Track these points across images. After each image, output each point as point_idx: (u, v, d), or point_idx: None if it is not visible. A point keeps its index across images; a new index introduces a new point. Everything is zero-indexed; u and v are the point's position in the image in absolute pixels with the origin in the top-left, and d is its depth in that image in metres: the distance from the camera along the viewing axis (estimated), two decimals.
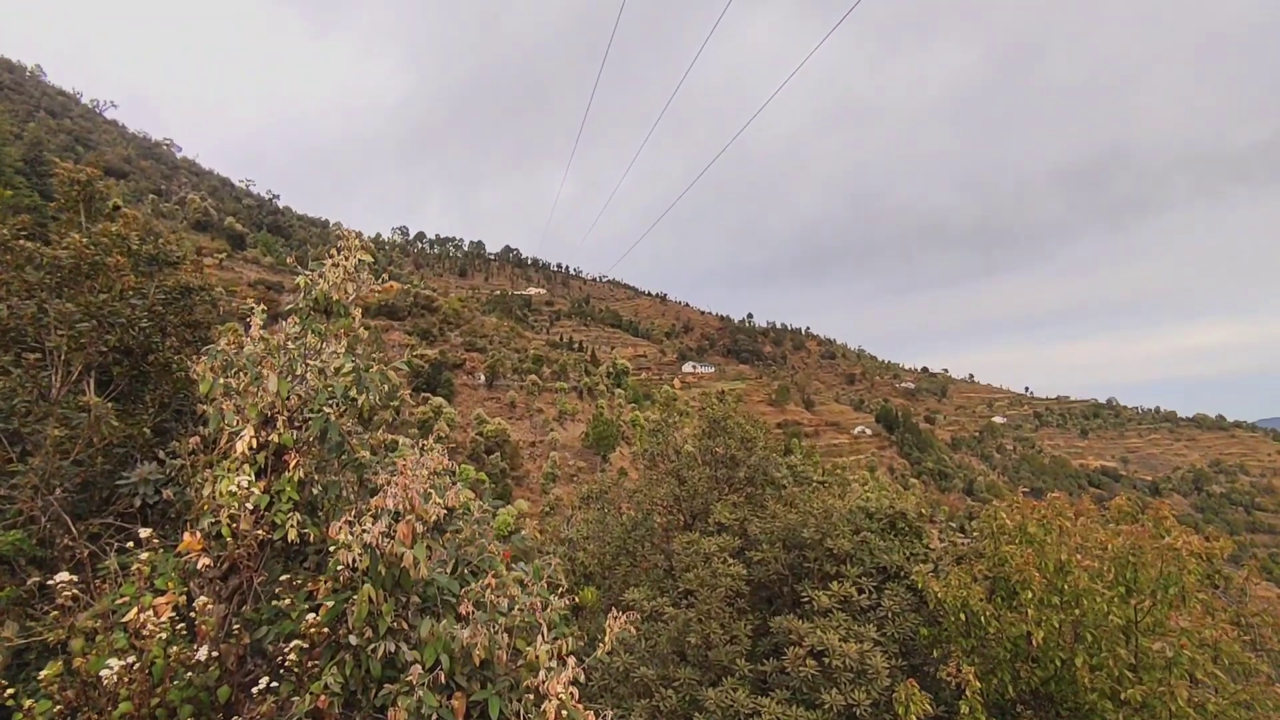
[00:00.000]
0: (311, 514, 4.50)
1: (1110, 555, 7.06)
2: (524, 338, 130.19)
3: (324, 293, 5.01)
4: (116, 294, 6.01)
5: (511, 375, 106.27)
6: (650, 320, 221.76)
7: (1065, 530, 7.52)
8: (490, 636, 3.86)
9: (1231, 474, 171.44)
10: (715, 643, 7.88)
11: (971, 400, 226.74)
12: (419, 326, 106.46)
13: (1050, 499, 8.15)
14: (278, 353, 4.70)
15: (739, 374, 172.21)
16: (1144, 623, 6.87)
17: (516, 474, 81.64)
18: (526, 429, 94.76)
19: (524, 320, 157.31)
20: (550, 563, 4.73)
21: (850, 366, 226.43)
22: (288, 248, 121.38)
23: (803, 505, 9.21)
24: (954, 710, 6.79)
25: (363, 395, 4.68)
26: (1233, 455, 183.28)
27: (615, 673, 8.24)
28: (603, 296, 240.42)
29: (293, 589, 4.03)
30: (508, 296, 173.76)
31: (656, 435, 11.94)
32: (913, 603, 8.08)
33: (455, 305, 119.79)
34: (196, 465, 4.93)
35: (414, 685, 3.43)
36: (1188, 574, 6.77)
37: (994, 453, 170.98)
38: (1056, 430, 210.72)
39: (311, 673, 3.66)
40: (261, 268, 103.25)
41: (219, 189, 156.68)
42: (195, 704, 3.61)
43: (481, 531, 5.31)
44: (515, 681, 3.98)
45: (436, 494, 4.27)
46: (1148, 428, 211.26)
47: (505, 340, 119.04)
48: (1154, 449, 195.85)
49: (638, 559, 10.78)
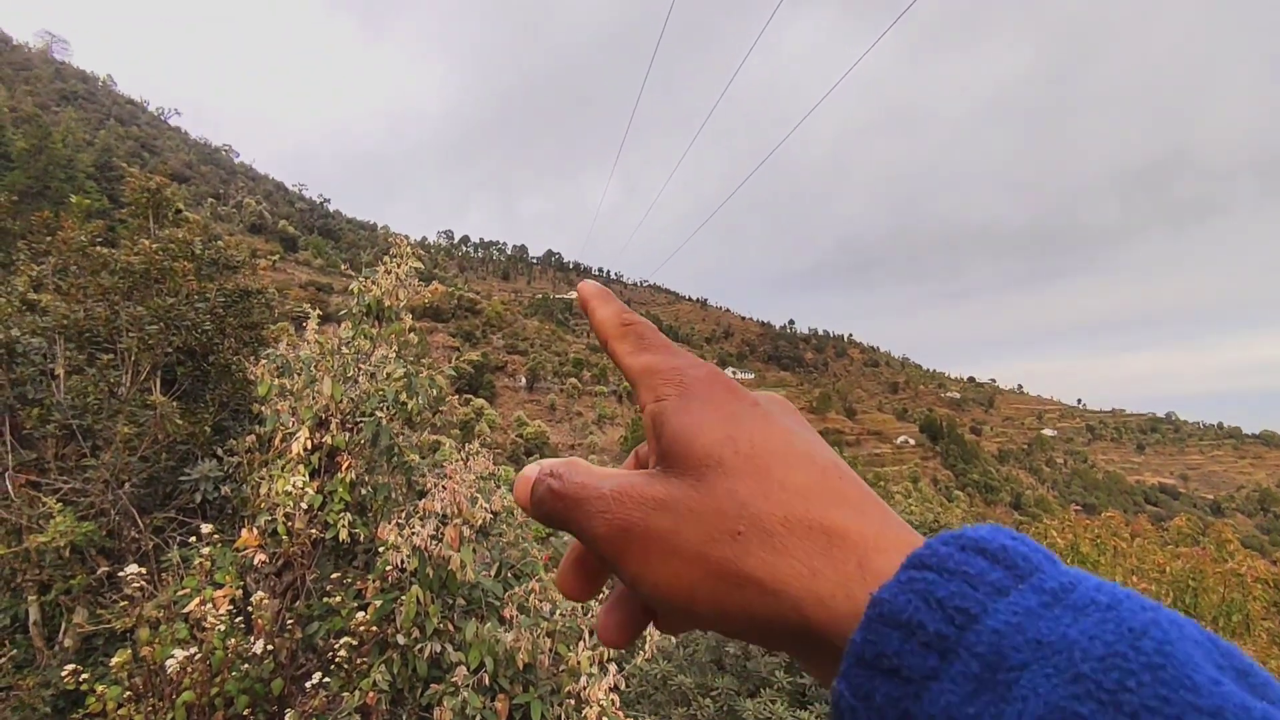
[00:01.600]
0: (361, 514, 4.64)
1: (1169, 578, 6.81)
2: (565, 341, 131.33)
3: (376, 298, 5.16)
4: (183, 298, 6.29)
5: (552, 378, 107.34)
6: (690, 325, 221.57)
7: (1120, 551, 7.28)
8: (533, 640, 3.93)
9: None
10: (754, 653, 7.82)
11: (1020, 411, 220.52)
12: (462, 329, 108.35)
13: (1105, 517, 7.90)
14: (332, 356, 4.86)
15: (779, 381, 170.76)
16: None
17: None
18: (566, 432, 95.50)
19: (565, 324, 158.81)
20: None
21: (894, 375, 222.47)
22: (337, 250, 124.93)
23: None
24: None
25: (412, 399, 4.81)
26: None
27: (653, 680, 8.24)
28: (644, 301, 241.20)
29: (343, 587, 4.15)
30: (549, 300, 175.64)
31: None
32: None
33: (498, 308, 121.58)
34: (253, 464, 5.12)
35: (459, 686, 3.51)
36: (1253, 600, 6.49)
37: (1043, 466, 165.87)
38: (1111, 444, 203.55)
39: (360, 669, 3.77)
40: (312, 269, 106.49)
41: (273, 193, 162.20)
42: (251, 695, 3.75)
43: (523, 535, 5.40)
44: (557, 686, 4.03)
45: (483, 498, 4.36)
46: (1210, 443, 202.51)
47: (546, 343, 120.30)
48: (1216, 466, 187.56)
49: None
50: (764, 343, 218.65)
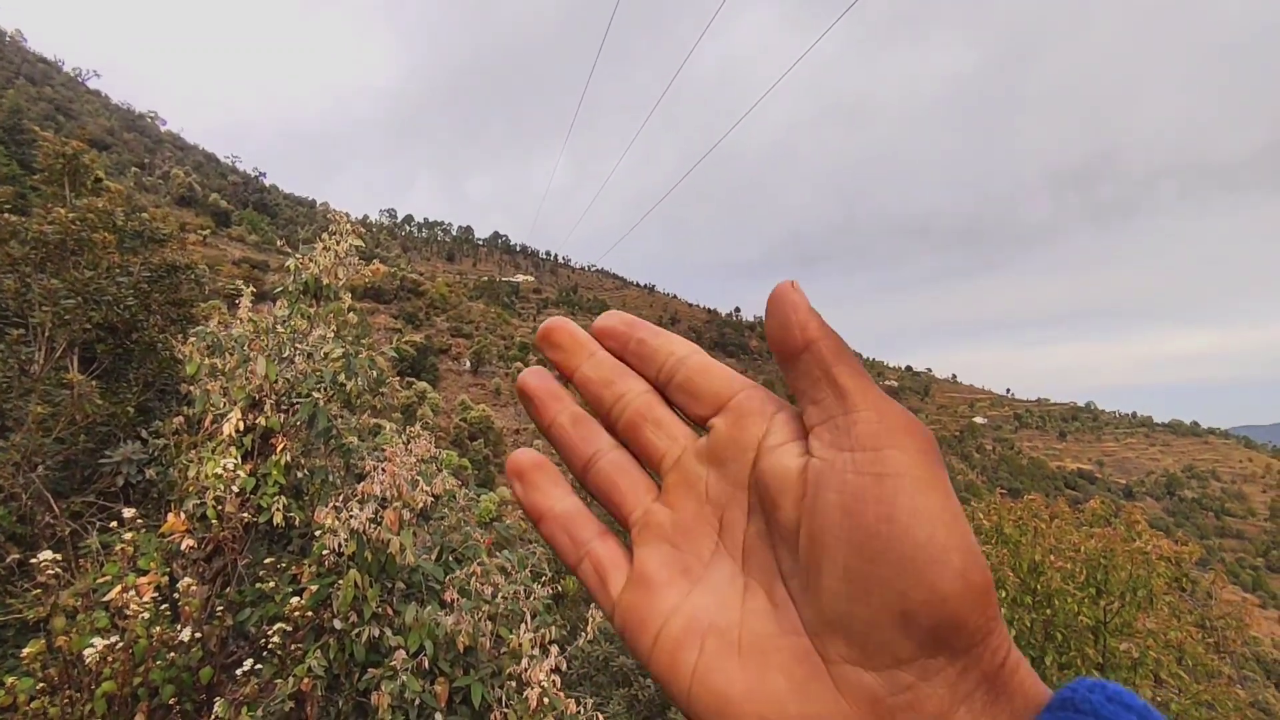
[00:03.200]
0: (297, 498, 4.51)
1: (1083, 557, 7.23)
2: (511, 325, 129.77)
3: (314, 276, 4.99)
4: (103, 271, 5.95)
5: (497, 362, 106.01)
6: (638, 311, 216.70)
7: (1040, 532, 7.68)
8: (474, 624, 3.91)
9: (1203, 480, 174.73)
10: None
11: (954, 400, 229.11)
12: (405, 310, 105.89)
13: (1026, 501, 8.31)
14: (266, 335, 4.69)
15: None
16: (1112, 623, 7.04)
17: (500, 461, 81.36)
18: (511, 416, 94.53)
19: (511, 307, 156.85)
20: (534, 551, 4.78)
21: None
22: (274, 226, 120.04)
23: None
24: None
25: (351, 381, 4.69)
26: (1205, 461, 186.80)
27: (595, 662, 8.32)
28: (591, 286, 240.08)
29: (277, 572, 4.04)
30: (495, 283, 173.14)
31: None
32: None
33: (442, 290, 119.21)
34: (180, 446, 4.92)
35: (398, 670, 3.47)
36: (1156, 577, 6.95)
37: (974, 453, 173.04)
38: (1036, 432, 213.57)
39: (295, 656, 3.68)
40: (246, 246, 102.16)
41: (203, 165, 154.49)
42: (178, 684, 3.62)
43: (465, 519, 5.35)
44: (498, 669, 4.03)
45: (423, 481, 4.29)
46: (1124, 432, 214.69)
47: (492, 326, 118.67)
48: (1129, 453, 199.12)
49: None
50: (710, 330, 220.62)
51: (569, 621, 9.03)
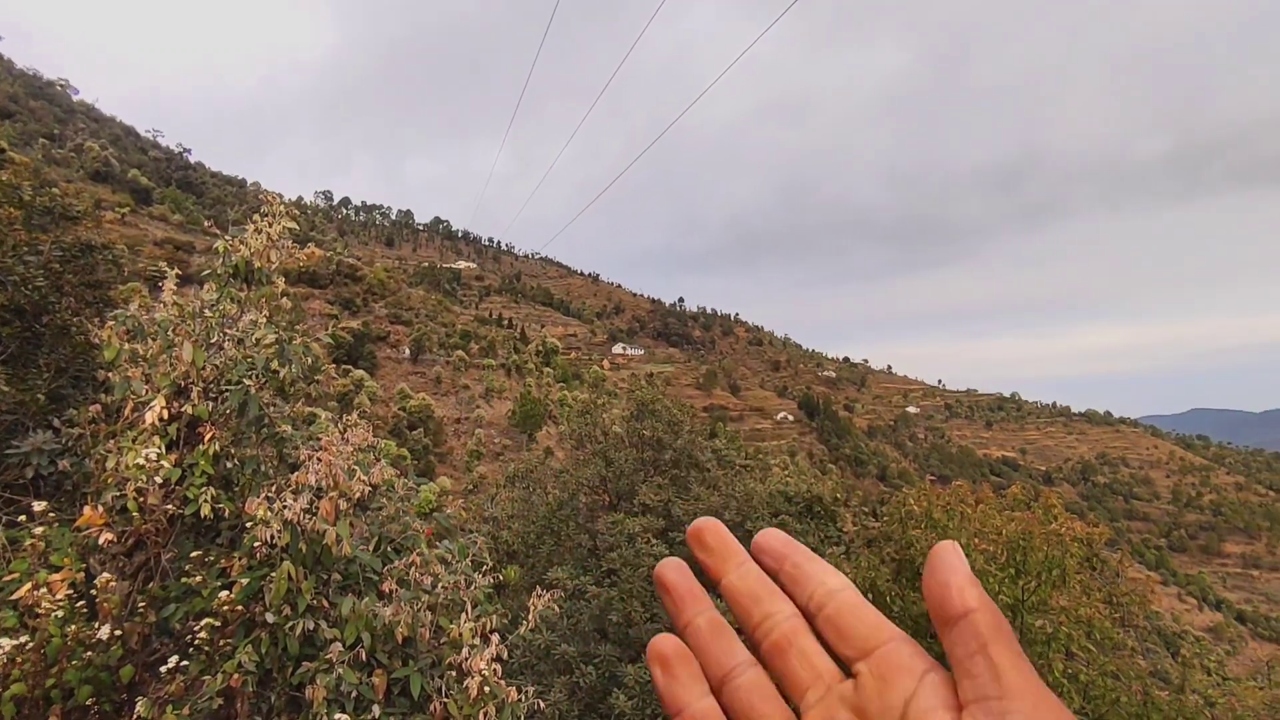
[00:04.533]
0: (227, 489, 4.34)
1: (1004, 540, 7.60)
2: (452, 312, 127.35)
3: (244, 259, 4.79)
4: (8, 249, 5.57)
5: (438, 350, 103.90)
6: (582, 300, 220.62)
7: (966, 516, 8.04)
8: (413, 614, 3.85)
9: (1114, 466, 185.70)
10: (636, 621, 8.05)
11: (889, 390, 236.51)
12: (342, 296, 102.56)
13: (954, 486, 8.68)
14: (193, 320, 4.49)
15: (668, 357, 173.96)
16: (1029, 601, 7.44)
17: (440, 451, 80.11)
18: (451, 405, 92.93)
19: (452, 294, 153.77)
20: (475, 541, 4.74)
21: (776, 354, 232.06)
22: (200, 206, 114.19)
23: (725, 488, 9.48)
24: None
25: (284, 368, 4.53)
26: (1116, 449, 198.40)
27: (537, 650, 8.31)
28: (534, 274, 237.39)
29: (205, 566, 3.89)
30: (436, 269, 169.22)
31: (585, 416, 11.98)
32: None
33: (381, 276, 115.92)
34: (97, 436, 4.66)
35: (333, 662, 3.40)
36: (1069, 557, 7.37)
37: (907, 441, 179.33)
38: (965, 421, 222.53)
39: (224, 651, 3.56)
40: (170, 226, 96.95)
41: (121, 138, 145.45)
42: (95, 684, 3.46)
43: (404, 509, 5.26)
44: (438, 659, 3.99)
45: (360, 470, 4.20)
46: (1045, 421, 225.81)
47: (432, 314, 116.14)
48: (1049, 441, 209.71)
49: (562, 539, 10.84)
50: (654, 319, 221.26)
51: (510, 611, 9.00)
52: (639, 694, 7.19)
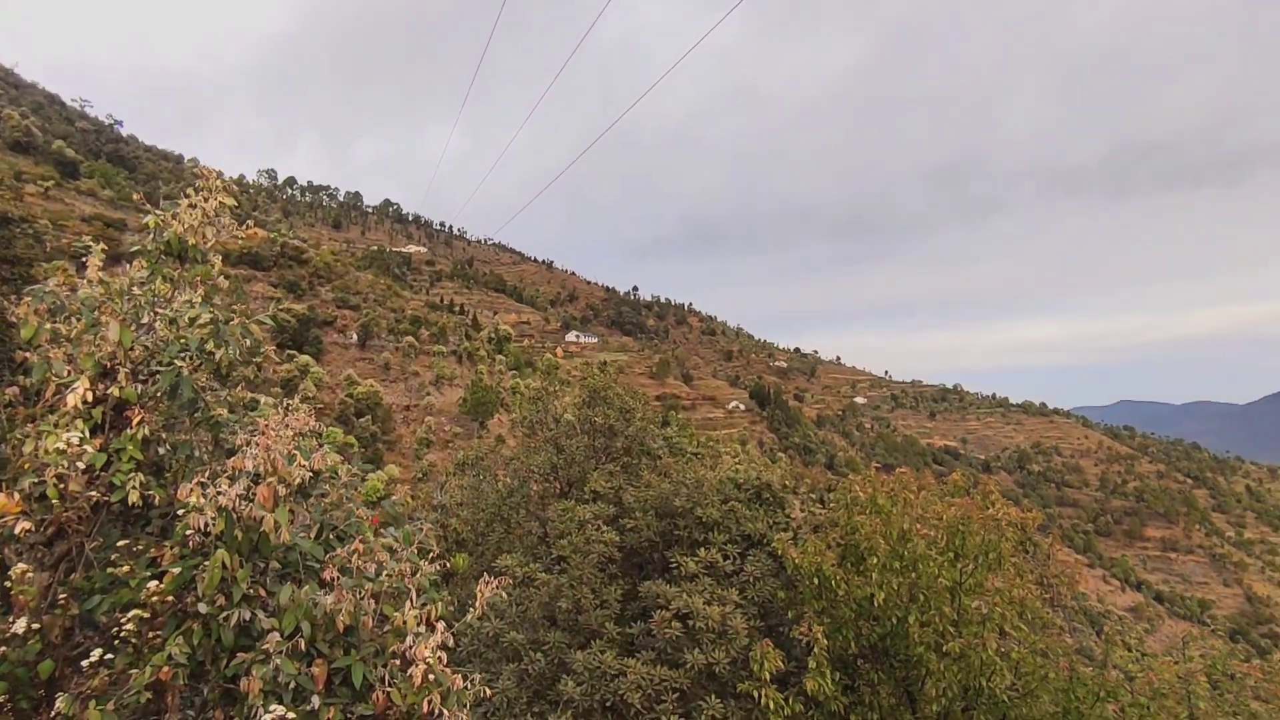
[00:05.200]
0: (157, 475, 4.16)
1: (944, 525, 7.86)
2: (401, 297, 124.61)
3: (178, 235, 4.58)
4: None
5: (387, 336, 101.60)
6: (535, 287, 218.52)
7: (909, 502, 8.27)
8: (355, 602, 3.77)
9: (1048, 455, 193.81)
10: (586, 607, 8.05)
11: (837, 381, 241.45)
12: (286, 279, 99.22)
13: (898, 474, 8.92)
14: (120, 298, 4.27)
15: (622, 346, 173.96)
16: (967, 584, 7.72)
17: (389, 438, 78.55)
18: (401, 392, 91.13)
19: (402, 279, 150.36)
20: (421, 528, 4.66)
21: (728, 344, 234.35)
22: (132, 181, 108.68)
23: (676, 475, 9.54)
24: (803, 666, 7.35)
25: (221, 349, 4.35)
26: (1050, 438, 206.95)
27: (485, 638, 8.25)
28: (487, 260, 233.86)
29: (133, 555, 3.72)
30: (386, 253, 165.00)
31: (536, 403, 11.88)
32: (773, 568, 8.62)
33: (327, 258, 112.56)
34: (14, 419, 4.41)
35: (270, 653, 3.29)
36: (1005, 541, 7.67)
37: (854, 430, 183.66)
38: (909, 412, 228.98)
39: (153, 644, 3.42)
40: (100, 202, 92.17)
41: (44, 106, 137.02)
42: (10, 680, 3.29)
43: (349, 496, 5.13)
44: (381, 647, 3.91)
45: (301, 456, 4.07)
46: (985, 411, 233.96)
47: (381, 299, 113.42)
48: (989, 431, 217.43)
49: (512, 526, 10.76)
50: (608, 308, 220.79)
51: (458, 599, 8.90)
52: (588, 680, 7.21)
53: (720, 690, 7.38)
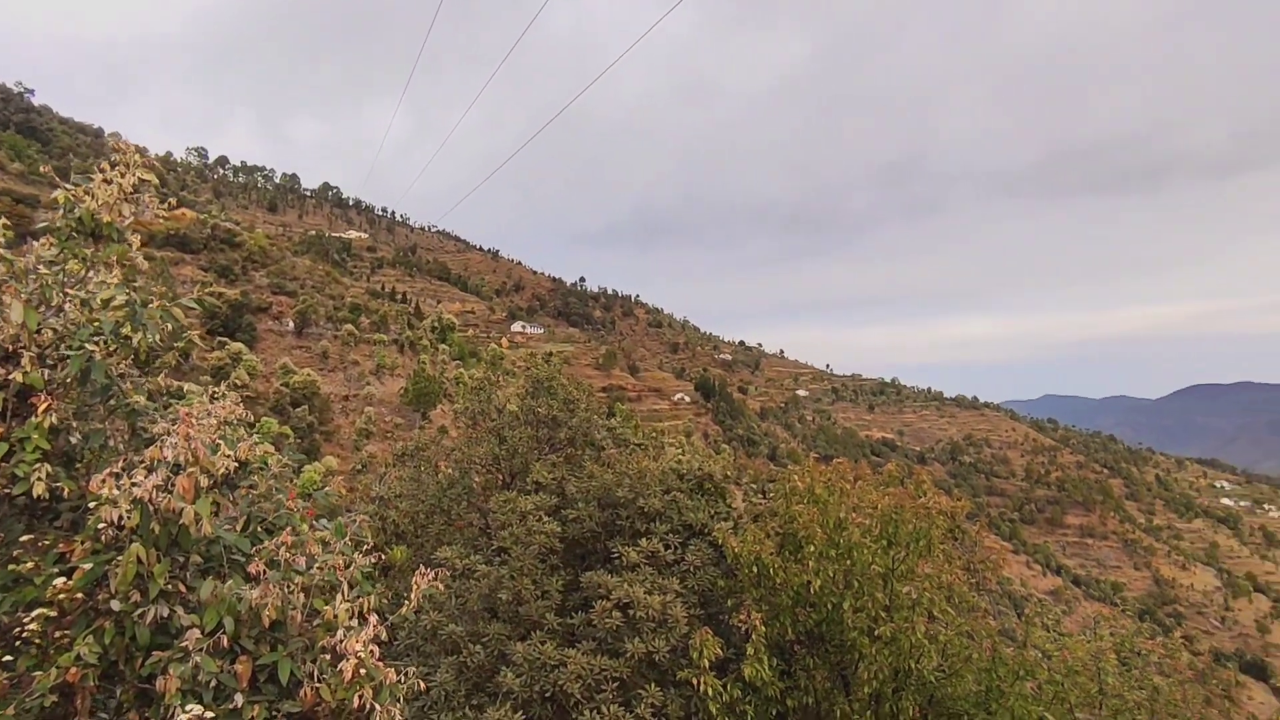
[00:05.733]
0: (67, 466, 3.93)
1: (879, 514, 8.09)
2: (341, 284, 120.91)
3: (91, 212, 4.31)
4: None
5: (325, 323, 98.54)
6: (480, 276, 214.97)
7: (845, 492, 8.49)
8: (283, 596, 3.65)
9: (979, 446, 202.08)
10: (527, 598, 8.00)
11: (780, 374, 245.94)
12: (217, 263, 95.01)
13: (835, 464, 9.14)
14: (24, 277, 4.00)
15: (568, 337, 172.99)
16: (899, 570, 7.98)
17: (326, 429, 76.34)
18: (340, 382, 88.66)
19: (342, 265, 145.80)
20: (355, 519, 4.54)
21: (675, 336, 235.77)
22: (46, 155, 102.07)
23: (619, 466, 9.56)
24: (742, 653, 7.48)
25: (139, 334, 4.13)
26: (981, 431, 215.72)
27: (423, 631, 8.11)
28: (431, 247, 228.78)
29: (38, 551, 3.51)
30: (324, 238, 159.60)
31: (479, 393, 11.71)
32: (713, 557, 8.73)
33: (262, 242, 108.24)
34: None
35: (190, 650, 3.16)
36: (935, 529, 7.95)
37: (796, 422, 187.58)
38: (850, 404, 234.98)
39: (60, 644, 3.24)
40: (8, 176, 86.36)
41: None
42: None
43: (280, 487, 4.96)
44: (310, 642, 3.80)
45: (226, 445, 3.91)
46: (920, 404, 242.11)
47: (319, 285, 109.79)
48: (924, 423, 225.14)
49: (453, 517, 10.60)
50: (555, 298, 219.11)
51: (396, 592, 8.72)
52: (528, 671, 7.17)
53: (660, 678, 7.45)
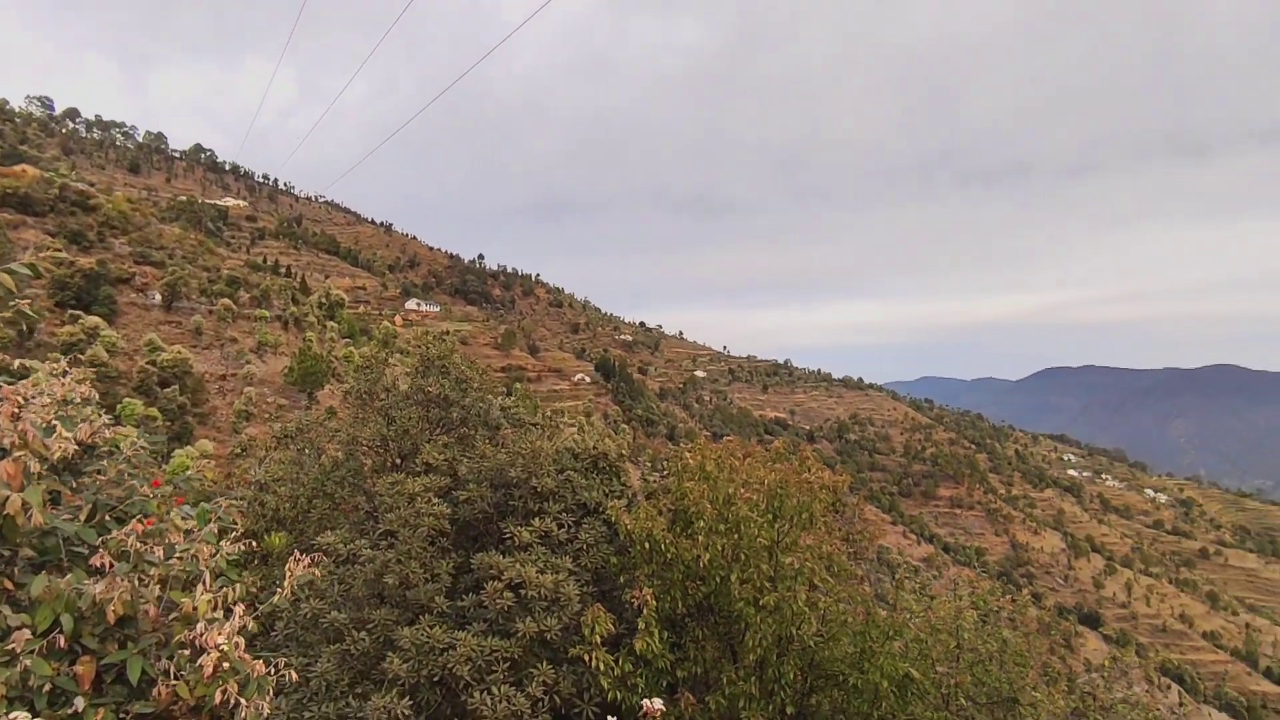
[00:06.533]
0: None
1: (765, 489, 8.43)
2: (217, 255, 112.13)
3: None
4: None
5: (198, 297, 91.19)
6: (373, 251, 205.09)
7: (734, 469, 8.77)
8: (132, 590, 3.37)
9: (863, 425, 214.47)
10: (415, 582, 7.80)
11: (679, 355, 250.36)
12: (68, 227, 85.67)
13: (724, 442, 9.42)
14: None
15: (466, 315, 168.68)
16: (784, 542, 8.36)
17: (200, 411, 70.97)
18: (216, 360, 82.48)
19: (218, 235, 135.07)
20: (220, 504, 4.25)
21: (575, 316, 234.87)
22: None
23: (512, 446, 9.43)
24: (634, 628, 7.63)
25: None
26: (865, 410, 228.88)
27: (303, 620, 7.75)
28: (318, 219, 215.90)
29: None
30: (197, 204, 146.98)
31: (366, 372, 11.21)
32: (607, 535, 8.81)
33: (122, 206, 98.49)
34: None
35: (17, 653, 2.86)
36: (818, 502, 8.37)
37: (694, 403, 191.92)
38: (745, 385, 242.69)
39: None
40: None
41: None
42: None
43: (134, 472, 4.57)
44: (166, 637, 3.54)
45: (64, 427, 3.54)
46: (811, 385, 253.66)
47: (191, 255, 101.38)
48: (814, 403, 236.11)
49: (337, 501, 10.14)
50: (452, 275, 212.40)
51: (274, 580, 8.26)
52: (415, 656, 7.00)
53: (553, 657, 7.48)
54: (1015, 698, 8.24)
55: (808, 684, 8.12)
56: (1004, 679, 8.22)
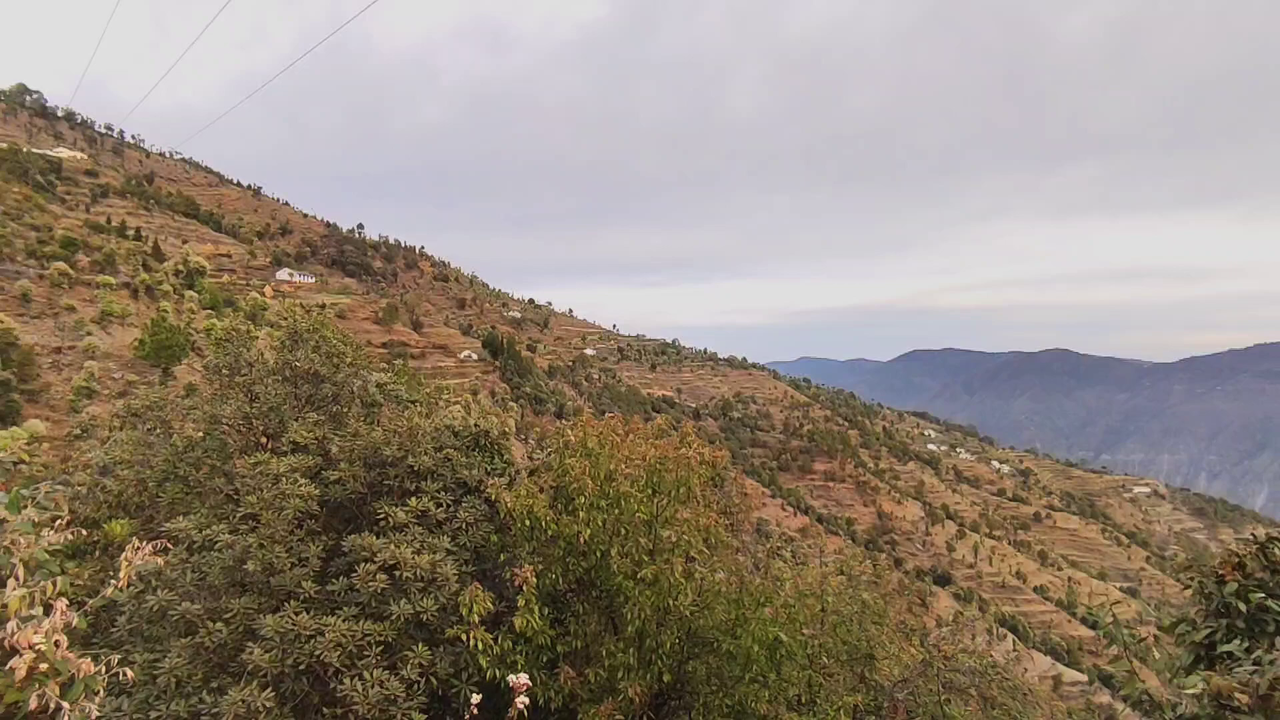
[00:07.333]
0: None
1: (646, 464, 8.57)
2: (49, 212, 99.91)
3: None
4: None
5: (26, 259, 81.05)
6: (239, 215, 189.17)
7: (616, 445, 8.86)
8: None
9: (746, 403, 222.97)
10: (280, 568, 7.36)
11: (569, 332, 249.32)
12: None
13: (607, 419, 9.50)
14: None
15: (344, 287, 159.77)
16: (663, 516, 8.56)
17: (30, 387, 63.49)
18: (49, 331, 73.87)
19: (49, 190, 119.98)
20: (40, 489, 3.81)
21: (462, 291, 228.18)
22: None
23: (388, 424, 9.07)
24: (514, 605, 7.58)
25: None
26: (748, 389, 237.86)
27: (148, 613, 7.14)
28: (175, 178, 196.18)
29: None
30: (23, 154, 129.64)
31: (228, 345, 10.37)
32: (487, 513, 8.68)
33: None
34: None
35: None
36: (696, 477, 8.62)
37: (583, 381, 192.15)
38: (634, 364, 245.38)
39: None
40: None
41: None
42: None
43: None
44: None
45: None
46: (697, 364, 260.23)
47: (15, 212, 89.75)
48: (701, 382, 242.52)
49: (192, 484, 9.36)
50: (329, 245, 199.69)
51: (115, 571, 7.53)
52: (279, 645, 6.62)
53: (429, 638, 7.31)
54: (872, 654, 8.92)
55: (684, 652, 8.40)
56: (863, 637, 8.88)
